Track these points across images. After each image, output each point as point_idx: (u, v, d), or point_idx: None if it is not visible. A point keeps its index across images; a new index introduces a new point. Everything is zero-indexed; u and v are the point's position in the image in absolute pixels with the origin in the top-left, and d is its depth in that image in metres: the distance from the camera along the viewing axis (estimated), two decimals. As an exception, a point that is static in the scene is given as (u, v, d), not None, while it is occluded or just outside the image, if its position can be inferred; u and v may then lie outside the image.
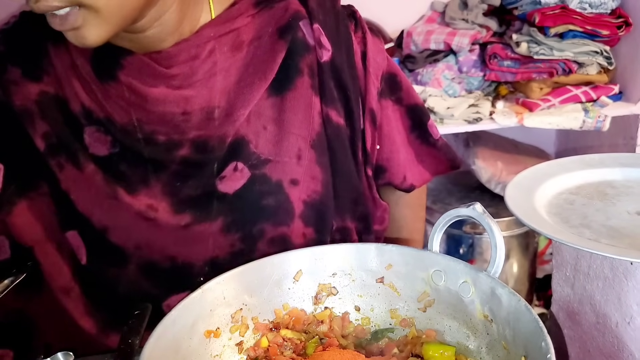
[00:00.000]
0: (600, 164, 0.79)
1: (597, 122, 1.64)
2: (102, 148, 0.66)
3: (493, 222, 0.57)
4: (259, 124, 0.69)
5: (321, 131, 0.72)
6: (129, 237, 0.69)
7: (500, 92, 1.81)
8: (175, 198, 0.67)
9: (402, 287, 0.64)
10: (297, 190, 0.71)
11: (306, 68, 0.70)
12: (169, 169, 0.67)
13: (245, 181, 0.69)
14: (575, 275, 0.73)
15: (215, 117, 0.67)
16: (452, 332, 0.60)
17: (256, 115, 0.69)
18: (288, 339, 0.63)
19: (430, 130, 0.85)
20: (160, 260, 0.70)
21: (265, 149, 0.69)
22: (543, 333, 0.47)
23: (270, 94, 0.70)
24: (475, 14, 1.80)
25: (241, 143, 0.68)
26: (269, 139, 0.69)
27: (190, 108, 0.66)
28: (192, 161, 0.68)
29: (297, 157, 0.70)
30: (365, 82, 0.75)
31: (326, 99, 0.71)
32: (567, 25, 1.62)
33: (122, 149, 0.66)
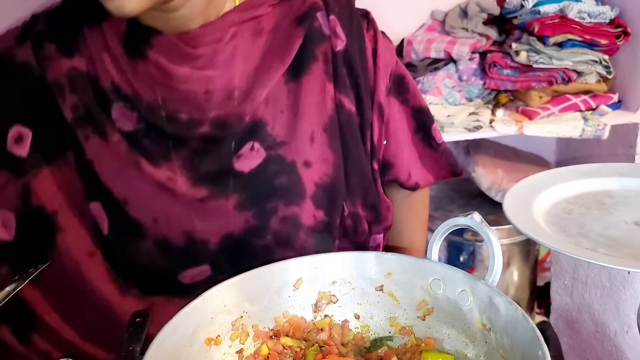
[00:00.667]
0: (598, 173, 0.80)
1: (597, 131, 1.65)
2: (128, 124, 0.70)
3: (491, 231, 0.58)
4: (276, 108, 0.72)
5: (333, 116, 0.75)
6: (148, 210, 0.72)
7: (500, 100, 1.82)
8: (193, 173, 0.70)
9: (402, 296, 0.65)
10: (309, 172, 0.74)
11: (321, 55, 0.74)
12: (189, 145, 0.71)
13: (261, 161, 0.73)
14: (574, 284, 0.74)
15: (234, 97, 0.71)
16: (450, 341, 0.61)
17: (273, 100, 0.72)
18: (288, 346, 0.63)
19: (434, 134, 0.88)
20: (176, 236, 0.72)
21: (281, 131, 0.73)
22: (540, 342, 0.48)
23: (288, 80, 0.73)
24: (475, 23, 1.81)
25: (259, 125, 0.72)
26: (284, 122, 0.73)
27: (211, 87, 0.70)
28: (211, 138, 0.71)
29: (310, 140, 0.73)
30: (375, 77, 0.78)
31: (339, 86, 0.75)
32: (566, 34, 1.63)
33: (147, 125, 0.70)
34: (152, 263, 0.74)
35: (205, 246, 0.74)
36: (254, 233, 0.75)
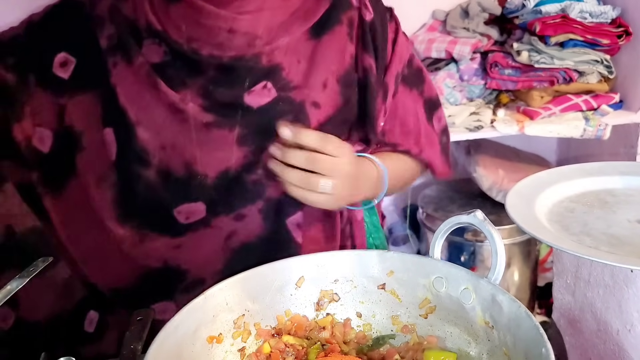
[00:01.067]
0: (600, 172, 0.79)
1: (598, 131, 1.65)
2: (155, 56, 0.77)
3: (494, 229, 0.58)
4: (294, 58, 0.78)
5: (350, 71, 0.81)
6: (156, 136, 0.76)
7: (502, 100, 1.82)
8: (206, 100, 0.76)
9: (404, 294, 0.65)
10: (317, 112, 0.79)
11: (346, 20, 0.81)
12: (206, 74, 0.77)
13: (271, 99, 0.78)
14: (576, 282, 0.73)
15: (255, 45, 0.76)
16: (453, 339, 0.61)
17: (293, 51, 0.78)
18: (290, 345, 0.63)
19: (434, 120, 0.94)
20: (178, 167, 0.77)
21: (295, 77, 0.78)
22: (543, 339, 0.48)
23: (310, 37, 0.79)
24: (477, 23, 1.81)
25: (275, 69, 0.77)
26: (300, 70, 0.79)
27: (236, 27, 0.74)
28: (227, 68, 0.76)
29: (323, 85, 0.79)
30: (390, 60, 0.84)
31: (366, 46, 0.81)
32: (567, 34, 1.63)
33: (172, 57, 0.77)
34: (153, 194, 0.78)
35: (203, 180, 0.77)
36: (248, 169, 0.79)
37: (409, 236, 2.09)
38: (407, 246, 2.08)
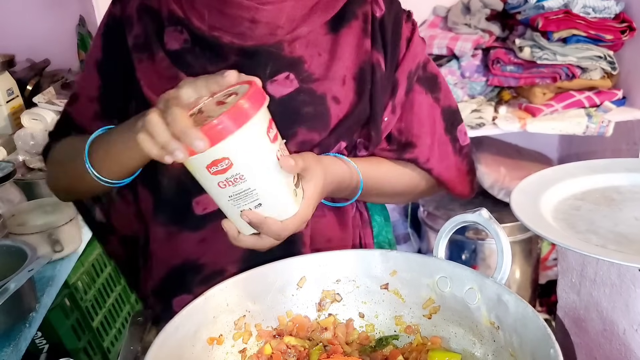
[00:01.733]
0: (606, 169, 0.78)
1: (601, 128, 1.63)
2: (176, 43, 0.79)
3: (500, 228, 0.57)
4: (315, 51, 0.80)
5: (365, 67, 0.82)
6: None
7: (503, 97, 1.81)
8: None
9: (407, 294, 0.64)
10: (337, 107, 0.80)
11: (361, 14, 0.82)
12: (228, 59, 0.77)
13: (293, 90, 0.78)
14: (581, 281, 0.72)
15: (277, 34, 0.77)
16: (457, 339, 0.59)
17: (313, 44, 0.80)
18: (292, 346, 0.62)
19: (459, 135, 0.91)
20: None
21: (317, 70, 0.79)
22: (551, 340, 0.46)
23: (328, 31, 0.81)
24: (478, 19, 1.80)
25: (298, 61, 0.79)
26: (321, 63, 0.80)
27: (258, 17, 0.76)
28: (250, 54, 0.77)
29: (342, 82, 0.81)
30: (403, 58, 0.85)
31: (375, 43, 0.82)
32: (570, 30, 1.62)
33: (192, 44, 0.78)
34: (176, 184, 0.80)
35: None
36: None
37: (410, 234, 2.08)
38: (408, 244, 2.07)
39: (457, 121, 0.91)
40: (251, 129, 0.58)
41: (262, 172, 0.61)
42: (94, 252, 1.45)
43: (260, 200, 0.62)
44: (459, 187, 0.92)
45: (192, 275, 0.81)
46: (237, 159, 0.58)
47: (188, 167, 0.62)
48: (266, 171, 0.61)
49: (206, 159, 0.58)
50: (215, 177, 0.60)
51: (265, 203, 0.62)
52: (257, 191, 0.61)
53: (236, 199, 0.62)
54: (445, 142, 0.90)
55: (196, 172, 0.61)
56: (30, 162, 1.29)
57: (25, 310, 0.94)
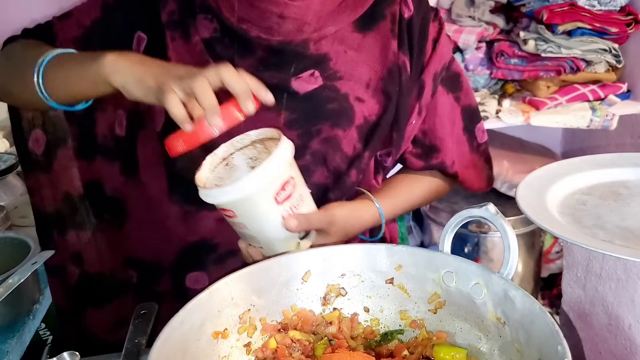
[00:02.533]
0: (613, 164, 0.78)
1: (605, 121, 1.62)
2: (206, 32, 0.79)
3: (506, 222, 0.56)
4: (340, 48, 0.80)
5: (392, 68, 0.81)
6: None
7: (507, 90, 1.80)
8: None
9: (412, 289, 0.63)
10: (361, 106, 0.80)
11: (389, 15, 0.82)
12: (255, 54, 0.78)
13: (317, 86, 0.79)
14: (587, 276, 0.72)
15: (304, 31, 0.77)
16: (463, 334, 0.59)
17: (340, 41, 0.80)
18: (296, 340, 0.62)
19: (477, 133, 0.91)
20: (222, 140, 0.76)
21: (342, 68, 0.79)
22: (559, 336, 0.46)
23: (355, 29, 0.80)
24: (482, 11, 1.78)
25: (324, 58, 0.79)
26: (347, 61, 0.80)
27: (287, 13, 0.76)
28: (276, 51, 0.78)
29: (367, 85, 0.81)
30: (430, 59, 0.84)
31: (401, 45, 0.82)
32: (575, 22, 1.60)
33: (222, 34, 0.79)
34: (192, 165, 0.78)
35: None
36: (295, 153, 0.77)
37: (412, 228, 2.07)
38: (410, 238, 2.07)
39: (476, 119, 0.91)
40: (258, 195, 0.63)
41: (262, 229, 0.66)
42: (97, 245, 1.45)
43: (262, 244, 0.69)
44: (475, 184, 0.93)
45: (207, 254, 0.82)
46: (241, 215, 0.65)
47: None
48: (266, 229, 0.66)
49: (217, 205, 0.65)
50: (226, 217, 0.67)
51: (266, 248, 0.69)
52: (259, 239, 0.68)
53: (244, 236, 0.69)
54: (462, 141, 0.90)
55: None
56: (32, 154, 1.29)
57: (29, 302, 0.94)
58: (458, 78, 0.89)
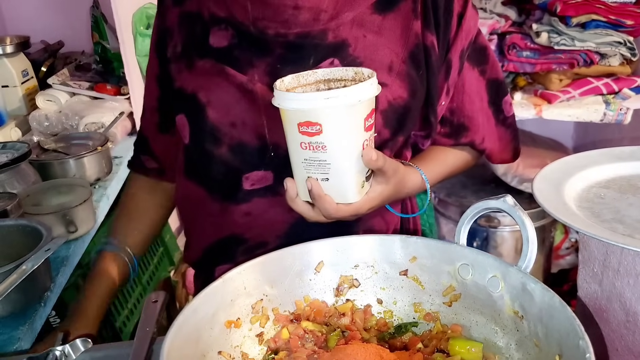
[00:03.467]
0: (631, 157, 0.76)
1: (619, 115, 1.60)
2: (223, 41, 0.79)
3: (525, 215, 0.56)
4: (359, 33, 0.78)
5: (415, 50, 0.79)
6: (227, 113, 0.78)
7: (519, 83, 1.78)
8: (273, 78, 0.75)
9: (427, 281, 0.63)
10: (385, 91, 0.78)
11: None
12: (274, 52, 0.77)
13: None
14: (604, 271, 0.71)
15: (320, 19, 0.76)
16: (479, 328, 0.59)
17: (358, 25, 0.78)
18: (309, 330, 0.62)
19: (504, 106, 0.90)
20: (251, 139, 0.78)
21: (361, 53, 0.78)
22: (581, 331, 0.46)
23: (374, 11, 0.79)
24: (494, 3, 1.76)
25: (342, 45, 0.77)
26: (366, 46, 0.78)
27: (301, 3, 0.75)
28: (294, 46, 0.77)
29: (389, 68, 0.78)
30: (456, 36, 0.82)
31: (428, 23, 0.80)
32: (589, 14, 1.58)
33: (239, 40, 0.79)
34: (226, 168, 0.80)
35: (275, 150, 0.78)
36: None
37: (421, 220, 2.06)
38: (419, 231, 2.06)
39: (502, 92, 0.89)
40: (354, 109, 0.61)
41: (344, 152, 0.63)
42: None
43: (329, 175, 0.64)
44: (500, 156, 0.93)
45: (236, 246, 0.83)
46: (328, 130, 0.61)
47: (282, 114, 0.64)
48: (348, 153, 0.64)
49: (302, 116, 0.61)
50: (301, 136, 0.63)
51: (332, 180, 0.65)
52: (331, 166, 0.64)
53: (309, 164, 0.65)
54: (488, 115, 0.88)
55: (287, 123, 0.64)
56: (44, 142, 1.28)
57: (41, 290, 0.94)
58: (485, 51, 0.87)
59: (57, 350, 0.66)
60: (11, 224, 0.96)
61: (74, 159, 1.23)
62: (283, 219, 0.80)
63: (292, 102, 0.61)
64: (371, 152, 0.64)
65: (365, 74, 0.66)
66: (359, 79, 0.67)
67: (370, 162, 0.64)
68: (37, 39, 1.85)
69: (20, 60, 1.58)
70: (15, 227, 0.95)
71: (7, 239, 0.94)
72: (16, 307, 0.89)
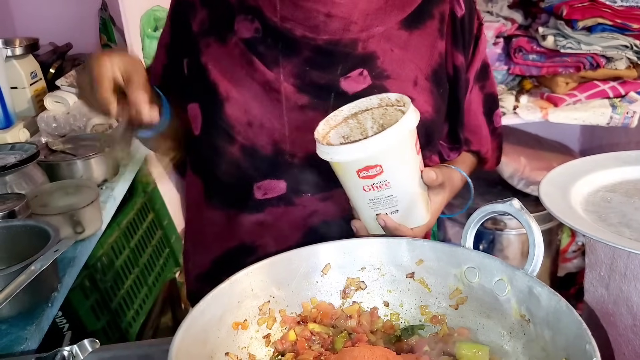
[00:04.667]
0: (638, 160, 0.77)
1: (625, 119, 1.60)
2: (247, 32, 0.78)
3: (532, 218, 0.56)
4: (387, 46, 0.79)
5: (438, 69, 0.81)
6: (245, 112, 0.77)
7: (525, 86, 1.78)
8: (300, 80, 0.77)
9: (433, 283, 0.63)
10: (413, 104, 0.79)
11: (438, 14, 0.81)
12: (302, 54, 0.77)
13: (366, 86, 0.77)
14: (611, 275, 0.71)
15: (350, 30, 0.76)
16: (485, 331, 0.59)
17: (386, 39, 0.78)
18: (316, 332, 0.62)
19: (495, 118, 0.94)
20: (265, 144, 0.78)
21: (389, 67, 0.78)
22: (587, 335, 0.46)
23: (401, 27, 0.79)
24: (500, 6, 1.76)
25: (371, 57, 0.78)
26: (393, 59, 0.79)
27: (334, 12, 0.75)
28: (324, 51, 0.76)
29: (414, 83, 0.80)
30: (472, 57, 0.85)
31: (457, 44, 0.81)
32: (596, 18, 1.58)
33: (264, 34, 0.77)
34: (236, 170, 0.79)
35: (290, 159, 0.78)
36: None
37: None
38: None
39: (495, 105, 0.93)
40: (407, 141, 0.63)
41: (407, 181, 0.66)
42: (114, 234, 1.46)
43: (398, 207, 0.67)
44: (489, 163, 0.97)
45: (245, 257, 0.81)
46: (389, 167, 0.63)
47: (337, 166, 0.66)
48: (410, 181, 0.66)
49: (360, 164, 0.63)
50: (363, 181, 0.64)
51: (402, 210, 0.67)
52: (398, 199, 0.66)
53: (376, 203, 0.66)
54: (484, 126, 0.91)
55: (344, 173, 0.65)
56: (52, 144, 1.29)
57: (48, 290, 0.95)
58: (487, 68, 0.90)
59: (65, 351, 0.67)
60: (19, 225, 0.97)
61: (82, 160, 1.23)
62: (296, 228, 0.80)
63: (348, 155, 0.62)
64: (430, 173, 0.67)
65: (392, 99, 0.68)
66: (386, 104, 0.68)
67: (432, 182, 0.67)
68: (45, 41, 1.86)
69: (29, 62, 1.60)
70: (23, 228, 0.96)
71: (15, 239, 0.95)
72: (24, 307, 0.90)
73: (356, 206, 0.69)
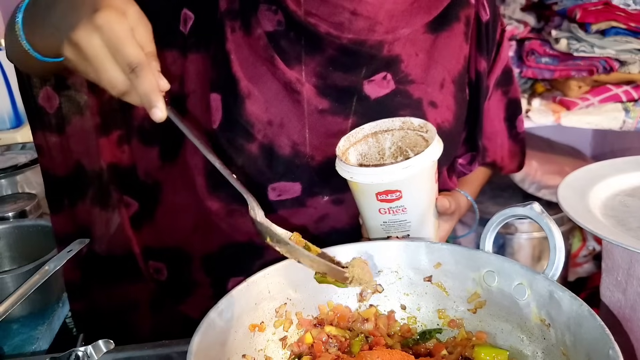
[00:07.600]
0: (657, 165, 0.76)
1: (638, 123, 1.59)
2: (269, 25, 0.74)
3: (552, 222, 0.55)
4: (412, 50, 0.77)
5: (463, 72, 0.80)
6: (265, 110, 0.74)
7: (537, 89, 1.77)
8: (322, 81, 0.74)
9: (452, 287, 0.62)
10: (434, 112, 0.78)
11: (464, 17, 0.80)
12: (325, 52, 0.74)
13: (389, 91, 0.76)
14: (628, 280, 0.70)
15: (375, 30, 0.74)
16: (504, 336, 0.58)
17: (411, 42, 0.77)
18: (333, 335, 0.61)
19: (518, 123, 0.93)
20: (283, 145, 0.75)
21: (413, 71, 0.77)
22: (610, 341, 0.45)
23: (427, 30, 0.78)
24: (513, 9, 1.75)
25: (395, 60, 0.76)
26: (418, 64, 0.77)
27: (360, 10, 0.72)
28: (349, 51, 0.74)
29: (440, 85, 0.78)
30: (493, 64, 0.84)
31: (481, 49, 0.81)
32: (609, 21, 1.57)
33: (287, 28, 0.74)
34: (251, 169, 0.76)
35: (307, 162, 0.76)
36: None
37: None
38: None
39: (518, 111, 0.92)
40: (429, 170, 0.65)
41: (423, 208, 0.67)
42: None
43: (410, 232, 0.68)
44: (508, 167, 0.96)
45: (252, 259, 0.81)
46: (408, 194, 0.65)
47: (356, 186, 0.67)
48: (426, 208, 0.68)
49: (381, 187, 0.64)
50: (380, 204, 0.66)
51: (412, 234, 0.69)
52: (411, 224, 0.68)
53: (389, 225, 0.68)
54: (503, 130, 0.91)
55: (362, 193, 0.67)
56: (64, 144, 1.30)
57: (59, 290, 0.95)
58: (510, 73, 0.89)
59: (80, 351, 0.67)
60: (30, 224, 0.98)
61: (95, 161, 1.24)
62: (305, 230, 0.79)
63: (371, 177, 0.64)
64: (444, 202, 0.68)
65: (415, 124, 0.69)
66: (407, 127, 0.70)
67: (445, 210, 0.68)
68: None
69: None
70: (34, 228, 0.97)
71: (26, 239, 0.95)
72: (35, 307, 0.91)
73: (368, 225, 0.70)
